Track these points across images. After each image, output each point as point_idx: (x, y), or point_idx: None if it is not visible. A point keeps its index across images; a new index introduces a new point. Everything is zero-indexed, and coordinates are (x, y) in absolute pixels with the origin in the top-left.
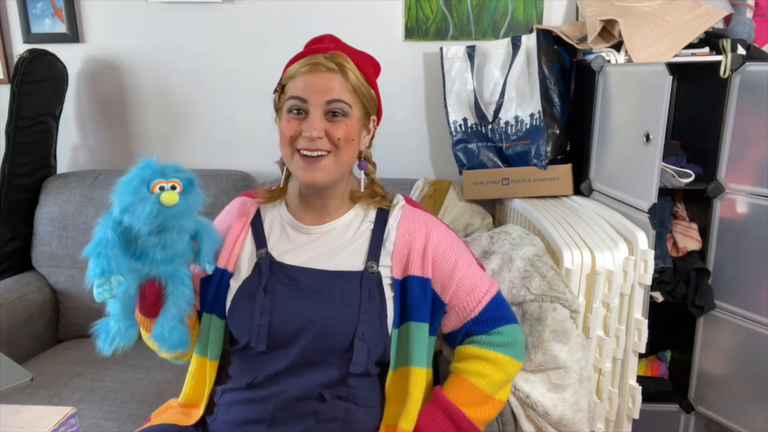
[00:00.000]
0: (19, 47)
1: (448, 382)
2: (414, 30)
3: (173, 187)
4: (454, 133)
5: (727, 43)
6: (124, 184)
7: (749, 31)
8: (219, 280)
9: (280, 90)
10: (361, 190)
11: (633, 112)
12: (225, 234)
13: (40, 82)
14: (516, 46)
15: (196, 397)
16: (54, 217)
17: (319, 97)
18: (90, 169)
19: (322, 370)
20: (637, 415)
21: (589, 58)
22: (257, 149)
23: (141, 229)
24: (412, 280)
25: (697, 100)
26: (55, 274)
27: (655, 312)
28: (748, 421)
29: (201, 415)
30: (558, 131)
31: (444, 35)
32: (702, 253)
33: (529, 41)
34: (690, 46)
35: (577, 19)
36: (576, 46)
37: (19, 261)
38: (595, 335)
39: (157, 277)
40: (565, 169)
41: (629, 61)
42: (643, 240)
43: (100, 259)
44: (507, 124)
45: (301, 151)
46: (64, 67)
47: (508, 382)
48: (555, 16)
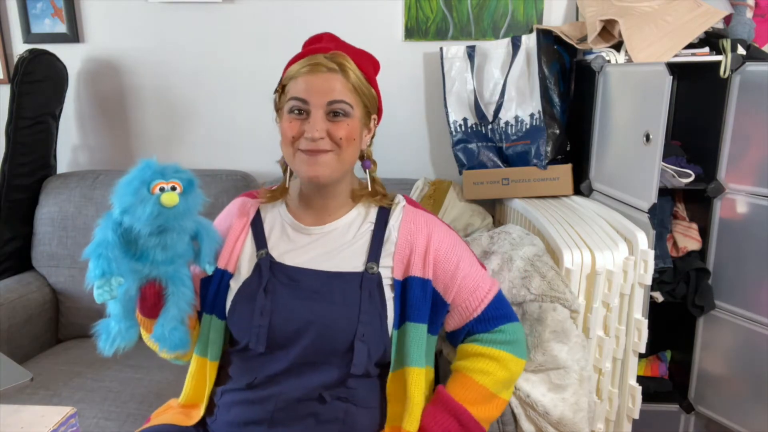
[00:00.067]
0: (19, 47)
1: (452, 380)
2: (414, 30)
3: (173, 187)
4: (454, 133)
5: (727, 43)
6: (124, 185)
7: (749, 31)
8: (219, 280)
9: (281, 90)
10: (367, 189)
11: (633, 112)
12: (225, 234)
13: (40, 82)
14: (516, 46)
15: (196, 397)
16: (54, 217)
17: (321, 98)
18: (90, 169)
19: (322, 371)
20: (637, 415)
21: (589, 58)
22: (257, 149)
23: (141, 230)
24: (412, 281)
25: (697, 100)
26: (55, 274)
27: (655, 312)
28: (748, 421)
29: (201, 416)
30: (558, 131)
31: (444, 35)
32: (702, 253)
33: (529, 41)
34: (690, 46)
35: (577, 19)
36: (576, 46)
37: (19, 261)
38: (595, 335)
39: (158, 277)
40: (565, 169)
41: (629, 61)
42: (643, 240)
43: (100, 261)
44: (507, 124)
45: (303, 150)
46: (64, 67)
47: (512, 382)
48: (555, 16)
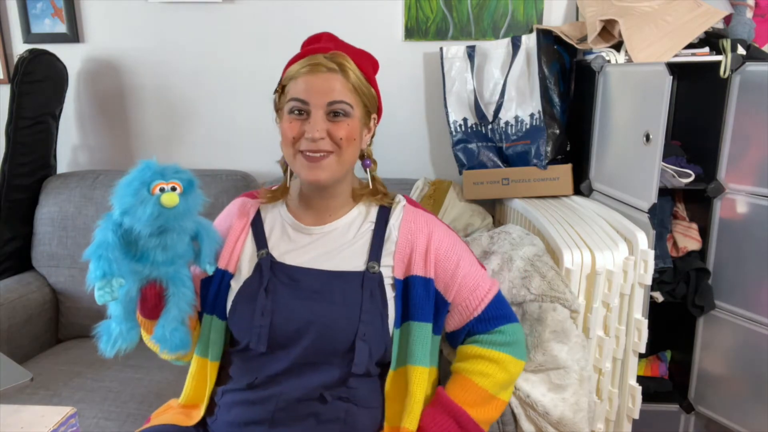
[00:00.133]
0: (19, 47)
1: (451, 382)
2: (414, 30)
3: (173, 188)
4: (454, 133)
5: (727, 43)
6: (124, 186)
7: (749, 31)
8: (219, 281)
9: (280, 91)
10: (367, 188)
11: (633, 112)
12: (225, 235)
13: (40, 82)
14: (516, 46)
15: (196, 397)
16: (54, 217)
17: (321, 99)
18: (90, 169)
19: (323, 371)
20: (637, 415)
21: (589, 58)
22: (257, 149)
23: (142, 230)
24: (414, 280)
25: (697, 100)
26: (55, 274)
27: (655, 312)
28: (748, 421)
29: (201, 416)
30: (558, 131)
31: (444, 35)
32: (702, 253)
33: (529, 41)
34: (690, 46)
35: (577, 19)
36: (576, 46)
37: (19, 261)
38: (595, 335)
39: (158, 278)
40: (565, 169)
41: (629, 61)
42: (643, 240)
43: (101, 262)
44: (507, 124)
45: (303, 151)
46: (64, 67)
47: (512, 383)
48: (555, 16)
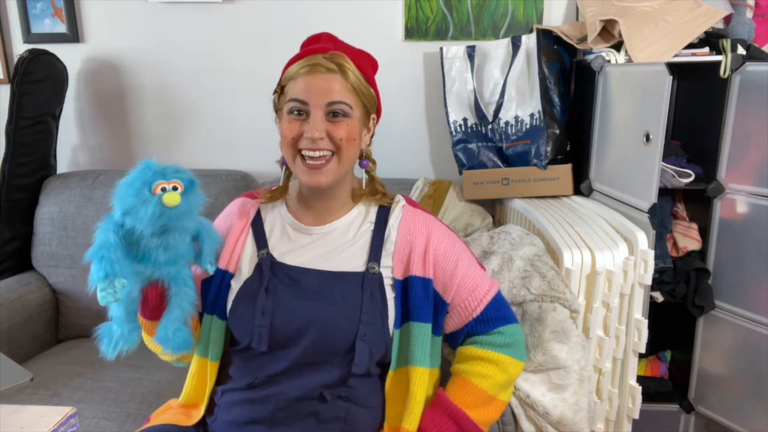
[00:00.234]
0: (19, 47)
1: (451, 383)
2: (414, 30)
3: (174, 187)
4: (454, 133)
5: (727, 43)
6: (125, 186)
7: (749, 31)
8: (220, 281)
9: (280, 91)
10: (367, 188)
11: (633, 112)
12: (225, 235)
13: (40, 82)
14: (516, 46)
15: (196, 397)
16: (54, 217)
17: (320, 99)
18: (90, 169)
19: (323, 371)
20: (637, 415)
21: (589, 58)
22: (257, 149)
23: (144, 231)
24: (413, 281)
25: (697, 100)
26: (55, 274)
27: (655, 312)
28: (748, 421)
29: (201, 416)
30: (558, 131)
31: (444, 35)
32: (702, 253)
33: (529, 41)
34: (690, 46)
35: (577, 19)
36: (576, 46)
37: (19, 261)
38: (595, 335)
39: (160, 279)
40: (565, 169)
41: (629, 61)
42: (643, 240)
43: (103, 263)
44: (507, 124)
45: (302, 151)
46: (64, 67)
47: (511, 384)
48: (555, 16)
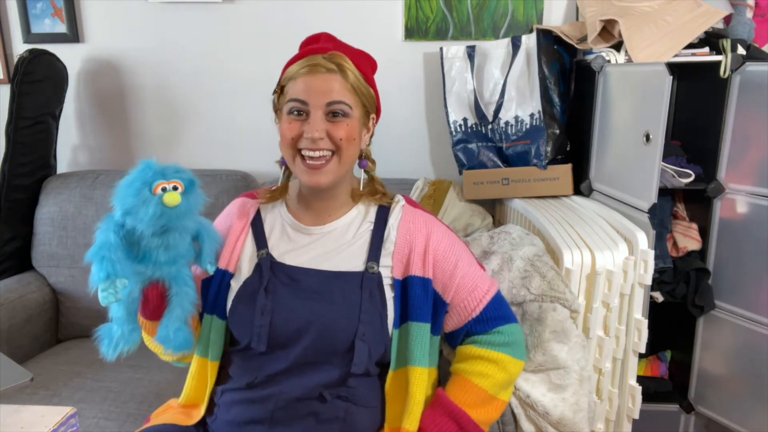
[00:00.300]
0: (19, 47)
1: (451, 383)
2: (414, 30)
3: (175, 187)
4: (454, 133)
5: (727, 43)
6: (125, 186)
7: (749, 31)
8: (220, 281)
9: (279, 91)
10: (367, 188)
11: (633, 112)
12: (225, 235)
13: (40, 82)
14: (516, 46)
15: (196, 397)
16: (54, 217)
17: (320, 99)
18: (90, 169)
19: (322, 371)
20: (637, 415)
21: (589, 58)
22: (257, 149)
23: (144, 231)
24: (413, 281)
25: (697, 100)
26: (55, 274)
27: (655, 312)
28: (748, 421)
29: (201, 416)
30: (558, 131)
31: (444, 35)
32: (702, 253)
33: (529, 41)
34: (690, 46)
35: (577, 19)
36: (576, 46)
37: (19, 261)
38: (595, 335)
39: (161, 278)
40: (565, 169)
41: (629, 61)
42: (643, 240)
43: (104, 263)
44: (507, 124)
45: (302, 151)
46: (64, 67)
47: (511, 383)
48: (555, 16)
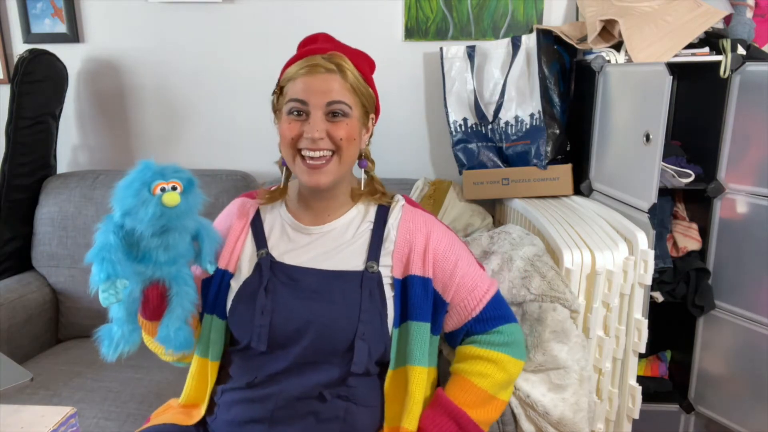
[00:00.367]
0: (19, 47)
1: (450, 383)
2: (414, 30)
3: (174, 187)
4: (454, 133)
5: (727, 43)
6: (124, 187)
7: (749, 31)
8: (220, 280)
9: (278, 92)
10: (366, 188)
11: (633, 112)
12: (225, 235)
13: (40, 82)
14: (516, 46)
15: (197, 398)
16: (54, 217)
17: (320, 99)
18: (90, 169)
19: (322, 370)
20: (637, 415)
21: (589, 58)
22: (257, 149)
23: (144, 231)
24: (413, 280)
25: (697, 100)
26: (55, 274)
27: (655, 312)
28: (748, 421)
29: (202, 415)
30: (558, 131)
31: (444, 35)
32: (702, 253)
33: (529, 41)
34: (690, 46)
35: (577, 19)
36: (576, 46)
37: (19, 261)
38: (595, 335)
39: (161, 278)
40: (565, 169)
41: (629, 61)
42: (643, 240)
43: (104, 264)
44: (507, 124)
45: (302, 151)
46: (64, 67)
47: (511, 383)
48: (555, 16)
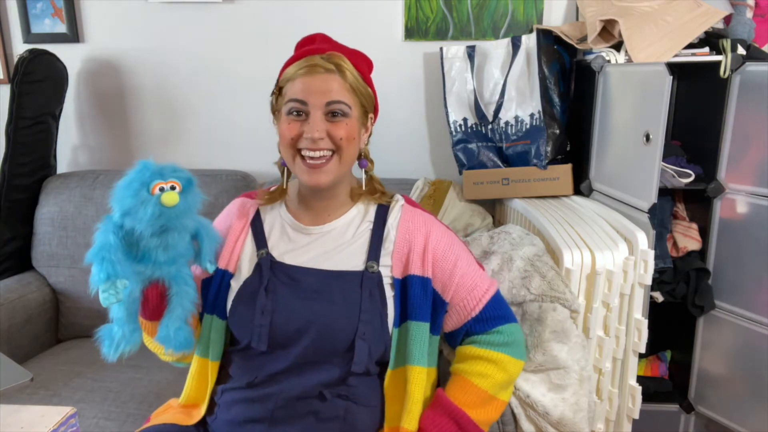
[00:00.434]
0: (19, 47)
1: (450, 383)
2: (414, 30)
3: (172, 187)
4: (454, 133)
5: (727, 43)
6: (123, 187)
7: (749, 31)
8: (220, 280)
9: (277, 92)
10: (366, 188)
11: (633, 112)
12: (225, 235)
13: (40, 82)
14: (516, 46)
15: (197, 398)
16: (54, 217)
17: (319, 99)
18: (90, 169)
19: (322, 370)
20: (637, 415)
21: (589, 58)
22: (257, 149)
23: (143, 231)
24: (412, 280)
25: (697, 100)
26: (55, 274)
27: (655, 312)
28: (748, 421)
29: (202, 415)
30: (558, 131)
31: (444, 35)
32: (702, 253)
33: (529, 41)
34: (690, 46)
35: (577, 19)
36: (576, 46)
37: (19, 261)
38: (595, 335)
39: (161, 278)
40: (565, 169)
41: (629, 61)
42: (643, 240)
43: (104, 264)
44: (507, 124)
45: (302, 151)
46: (64, 67)
47: (511, 383)
48: (555, 16)
